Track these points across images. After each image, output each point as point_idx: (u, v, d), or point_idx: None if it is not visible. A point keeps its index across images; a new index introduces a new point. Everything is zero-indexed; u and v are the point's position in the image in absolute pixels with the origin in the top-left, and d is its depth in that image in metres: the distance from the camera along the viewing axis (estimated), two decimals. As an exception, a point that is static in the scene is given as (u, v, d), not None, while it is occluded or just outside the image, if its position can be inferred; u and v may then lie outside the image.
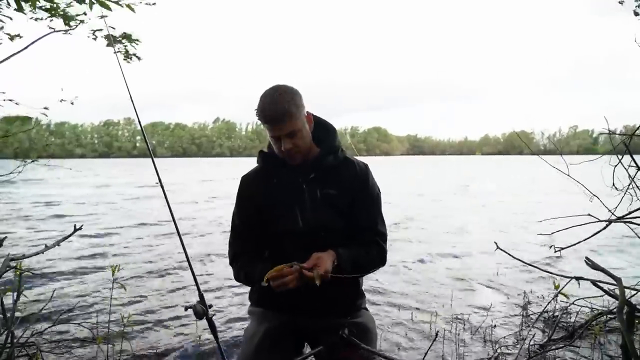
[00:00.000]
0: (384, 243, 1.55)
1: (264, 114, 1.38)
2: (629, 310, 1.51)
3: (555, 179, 15.03)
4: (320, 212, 1.46)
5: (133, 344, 2.91)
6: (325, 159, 1.49)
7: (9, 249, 5.60)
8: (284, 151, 1.41)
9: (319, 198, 1.46)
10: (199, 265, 5.23)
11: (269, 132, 1.42)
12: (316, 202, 1.46)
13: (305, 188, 1.47)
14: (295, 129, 1.38)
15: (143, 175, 25.25)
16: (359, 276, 1.54)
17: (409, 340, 3.10)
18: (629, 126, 2.55)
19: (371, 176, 1.56)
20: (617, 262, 5.30)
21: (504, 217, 9.54)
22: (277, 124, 1.37)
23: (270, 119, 1.37)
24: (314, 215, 1.46)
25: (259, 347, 1.49)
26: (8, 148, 3.37)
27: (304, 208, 1.46)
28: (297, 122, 1.39)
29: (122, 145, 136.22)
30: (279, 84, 1.44)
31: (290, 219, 1.46)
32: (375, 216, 1.54)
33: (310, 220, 1.45)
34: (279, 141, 1.41)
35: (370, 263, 1.50)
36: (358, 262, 1.45)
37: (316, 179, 1.48)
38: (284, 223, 1.47)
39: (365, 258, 1.48)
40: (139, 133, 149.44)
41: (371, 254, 1.50)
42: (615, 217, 2.43)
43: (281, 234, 1.49)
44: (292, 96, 1.38)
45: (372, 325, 1.60)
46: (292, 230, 1.46)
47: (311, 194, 1.47)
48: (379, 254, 1.52)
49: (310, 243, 1.42)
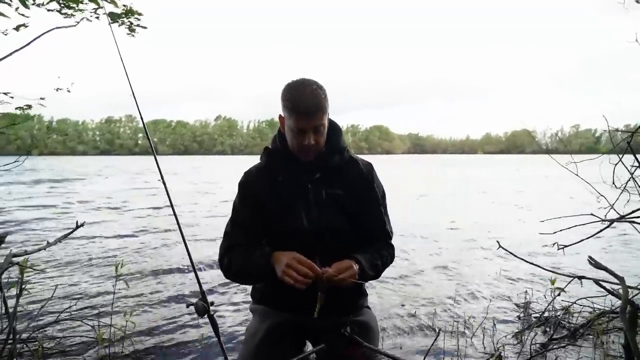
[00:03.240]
0: (391, 241, 1.57)
1: (299, 105, 1.34)
2: (632, 310, 1.50)
3: (556, 178, 14.88)
4: (325, 213, 1.45)
5: (135, 341, 2.91)
6: (331, 159, 1.48)
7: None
8: (305, 145, 1.37)
9: (324, 198, 1.45)
10: (203, 263, 5.23)
11: (296, 124, 1.36)
12: (321, 202, 1.45)
13: (310, 188, 1.46)
14: (323, 123, 1.39)
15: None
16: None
17: (410, 339, 3.10)
18: (631, 125, 2.54)
19: (376, 175, 1.55)
20: (621, 261, 5.28)
21: (506, 215, 9.52)
22: (310, 116, 1.35)
23: (305, 111, 1.34)
24: (319, 216, 1.44)
25: (261, 345, 1.49)
26: (11, 144, 3.38)
27: (309, 208, 1.45)
28: (325, 117, 1.40)
29: (124, 143, 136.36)
30: (306, 78, 1.41)
31: (295, 219, 1.45)
32: (382, 216, 1.54)
33: (315, 221, 1.44)
34: (303, 134, 1.37)
35: (384, 265, 1.51)
36: (377, 266, 1.46)
37: (321, 178, 1.47)
38: (289, 223, 1.45)
39: (381, 260, 1.48)
40: (140, 130, 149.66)
41: (384, 255, 1.51)
42: (618, 217, 2.42)
43: (285, 234, 1.47)
44: (325, 92, 1.40)
45: (374, 323, 1.60)
46: (296, 230, 1.44)
47: (316, 193, 1.46)
48: (390, 255, 1.54)
49: (314, 244, 1.41)
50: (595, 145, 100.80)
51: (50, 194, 13.88)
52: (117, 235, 7.06)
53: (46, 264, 4.95)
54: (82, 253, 5.62)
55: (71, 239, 5.86)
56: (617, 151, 2.31)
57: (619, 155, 2.30)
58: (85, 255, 5.53)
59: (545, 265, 2.65)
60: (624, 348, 1.49)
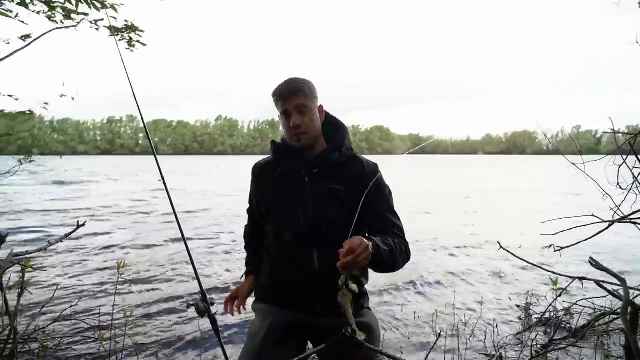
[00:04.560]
0: (403, 235, 1.49)
1: (277, 90, 1.44)
2: (633, 311, 1.50)
3: (558, 178, 14.87)
4: (321, 205, 1.45)
5: (135, 341, 2.91)
6: (330, 155, 1.48)
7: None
8: (290, 127, 1.43)
9: (320, 191, 1.46)
10: (204, 263, 5.24)
11: (280, 108, 1.45)
12: (318, 196, 1.46)
13: (307, 181, 1.47)
14: (305, 103, 1.42)
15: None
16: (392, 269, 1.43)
17: (411, 340, 3.10)
18: (632, 126, 2.54)
19: (381, 176, 1.54)
20: (622, 262, 5.28)
21: (507, 216, 9.51)
22: (287, 97, 1.42)
23: (281, 93, 1.43)
24: (316, 209, 1.45)
25: (263, 345, 1.49)
26: (12, 145, 3.39)
27: (306, 200, 1.46)
28: (308, 100, 1.44)
29: (125, 143, 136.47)
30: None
31: (290, 211, 1.47)
32: (388, 212, 1.52)
33: (310, 213, 1.45)
34: (288, 118, 1.43)
35: (400, 254, 1.40)
36: (391, 246, 1.35)
37: (320, 173, 1.48)
38: (284, 214, 1.49)
39: (393, 243, 1.38)
40: (141, 130, 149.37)
41: (397, 243, 1.41)
42: (620, 217, 2.42)
43: (280, 225, 1.50)
44: (306, 80, 1.47)
45: (375, 324, 1.59)
46: (291, 222, 1.47)
47: (313, 187, 1.46)
48: (404, 246, 1.45)
49: (311, 236, 1.42)
50: (596, 147, 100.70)
51: (54, 194, 13.89)
52: (119, 234, 7.06)
53: (48, 263, 4.96)
54: (84, 253, 5.63)
55: (73, 239, 5.87)
56: (620, 152, 2.32)
57: (623, 156, 2.30)
58: (86, 255, 5.54)
59: (546, 267, 2.65)
60: (624, 349, 1.49)
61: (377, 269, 1.37)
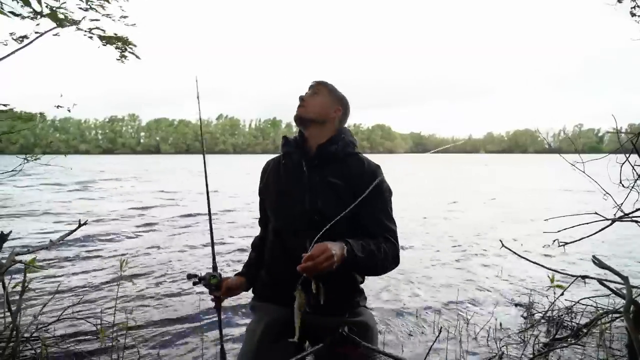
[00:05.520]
0: (395, 240, 1.49)
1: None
2: (636, 310, 1.50)
3: (558, 178, 14.82)
4: (317, 197, 1.48)
5: (137, 338, 2.92)
6: (328, 148, 1.54)
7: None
8: (299, 99, 1.59)
9: (318, 183, 1.50)
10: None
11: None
12: (315, 187, 1.50)
13: (306, 173, 1.52)
14: (320, 91, 1.60)
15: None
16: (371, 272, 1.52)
17: (411, 338, 3.10)
18: (634, 125, 2.53)
19: (381, 176, 1.53)
20: (625, 261, 5.26)
21: (509, 215, 9.50)
22: (313, 84, 1.62)
23: (312, 83, 1.64)
24: (310, 199, 1.48)
25: (260, 344, 1.49)
26: (14, 145, 3.38)
27: (302, 191, 1.50)
28: (325, 92, 1.60)
29: (126, 142, 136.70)
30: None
31: (287, 200, 1.53)
32: (383, 215, 1.51)
33: (305, 203, 1.48)
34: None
35: (384, 259, 1.42)
36: (371, 252, 1.37)
37: (319, 166, 1.53)
38: (281, 203, 1.55)
39: (376, 248, 1.40)
40: (142, 129, 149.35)
41: (383, 248, 1.42)
42: (622, 215, 2.41)
43: (277, 215, 1.57)
44: (333, 85, 1.64)
45: (372, 323, 1.59)
46: (286, 211, 1.53)
47: (311, 178, 1.51)
48: (392, 251, 1.46)
49: (305, 227, 1.43)
50: (598, 145, 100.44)
51: (58, 194, 13.93)
52: (121, 234, 7.07)
53: (49, 262, 4.97)
54: (86, 252, 5.64)
55: (75, 238, 5.89)
56: (622, 151, 2.31)
57: (626, 155, 2.30)
58: (88, 253, 5.55)
59: (549, 265, 2.64)
60: (627, 348, 1.48)
61: (357, 272, 1.51)
